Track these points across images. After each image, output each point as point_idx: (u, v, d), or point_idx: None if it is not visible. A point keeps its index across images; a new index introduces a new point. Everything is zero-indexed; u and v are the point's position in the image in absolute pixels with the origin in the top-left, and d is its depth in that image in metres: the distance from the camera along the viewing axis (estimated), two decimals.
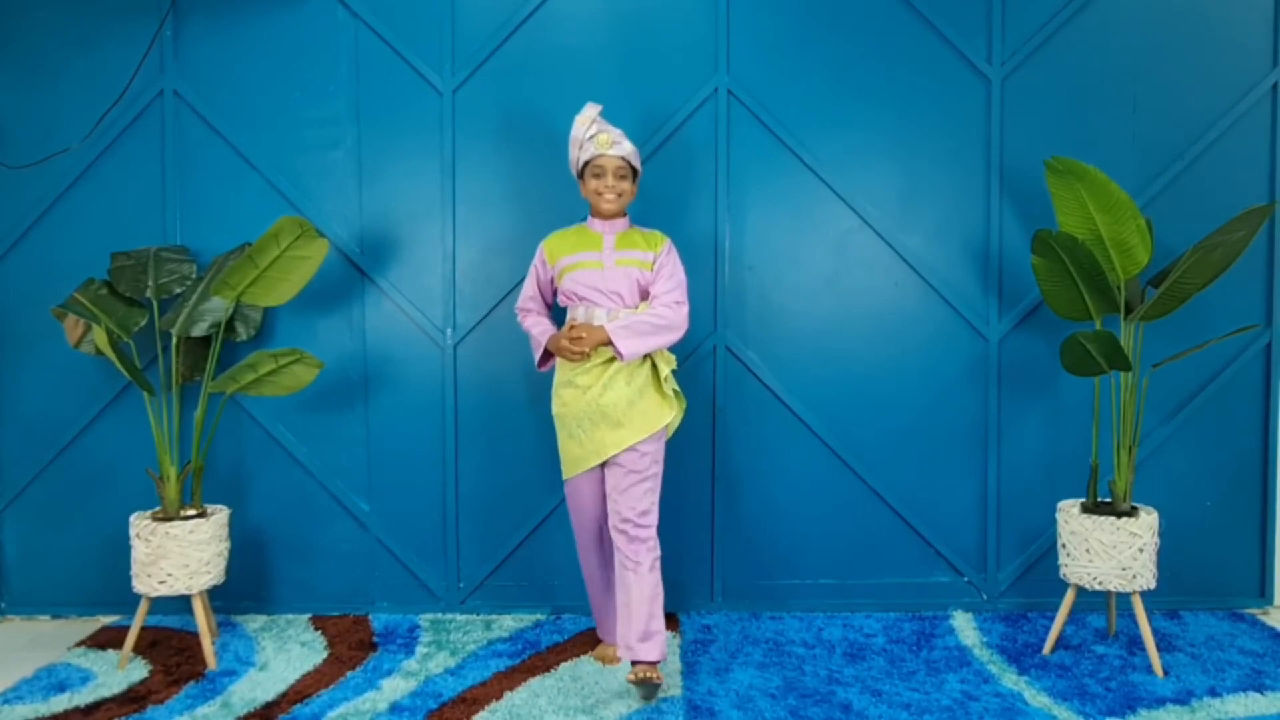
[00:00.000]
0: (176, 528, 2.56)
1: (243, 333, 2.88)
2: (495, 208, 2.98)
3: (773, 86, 2.97)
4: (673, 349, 2.58)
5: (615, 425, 2.44)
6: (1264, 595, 3.06)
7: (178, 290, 2.80)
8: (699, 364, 2.99)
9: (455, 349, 3.00)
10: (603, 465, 2.50)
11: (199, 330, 2.76)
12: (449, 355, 2.99)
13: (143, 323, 2.79)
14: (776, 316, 3.00)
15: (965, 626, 2.89)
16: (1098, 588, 2.58)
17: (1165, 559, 2.91)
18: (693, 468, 3.01)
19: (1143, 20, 2.96)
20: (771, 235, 2.99)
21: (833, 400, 3.01)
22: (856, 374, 3.01)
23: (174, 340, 2.77)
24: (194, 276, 2.84)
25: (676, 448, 2.96)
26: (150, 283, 2.79)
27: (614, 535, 2.46)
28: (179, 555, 2.57)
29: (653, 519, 2.46)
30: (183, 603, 2.88)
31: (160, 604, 2.89)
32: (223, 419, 2.96)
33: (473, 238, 2.99)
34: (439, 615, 3.00)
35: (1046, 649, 2.68)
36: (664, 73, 2.96)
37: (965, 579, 3.06)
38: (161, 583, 2.57)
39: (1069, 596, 2.67)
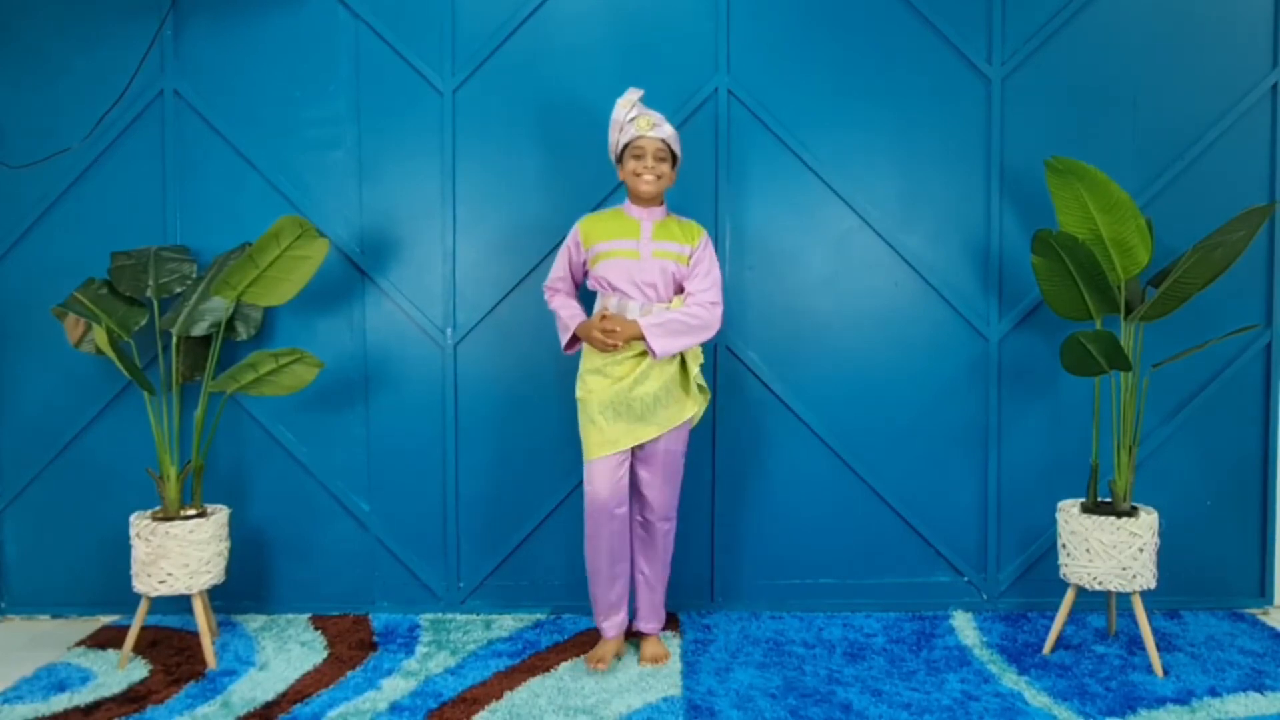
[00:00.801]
0: (176, 527, 2.56)
1: (243, 332, 2.88)
2: (495, 207, 2.98)
3: (773, 86, 2.97)
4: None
5: (639, 419, 2.49)
6: (1264, 595, 3.05)
7: (178, 290, 2.80)
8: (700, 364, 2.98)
9: (455, 349, 2.99)
10: (631, 451, 2.57)
11: (199, 330, 2.76)
12: (449, 355, 2.99)
13: (143, 322, 2.79)
14: (777, 316, 3.00)
15: (965, 626, 2.88)
16: (1098, 588, 2.58)
17: (1165, 559, 2.90)
18: (693, 467, 2.99)
19: (1143, 20, 2.96)
20: (772, 235, 2.99)
21: (833, 400, 3.01)
22: (857, 374, 3.01)
23: (174, 340, 2.77)
24: (194, 276, 2.84)
25: None
26: (150, 282, 2.79)
27: (638, 523, 2.62)
28: (179, 555, 2.57)
29: (676, 508, 2.66)
30: (183, 602, 2.88)
31: (160, 604, 2.89)
32: (223, 419, 2.96)
33: (473, 237, 2.99)
34: (439, 615, 3.00)
35: (1046, 649, 2.68)
36: (664, 72, 2.96)
37: (965, 579, 3.06)
38: (161, 582, 2.57)
39: (1069, 596, 2.67)
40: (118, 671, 2.57)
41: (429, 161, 2.97)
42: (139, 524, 2.58)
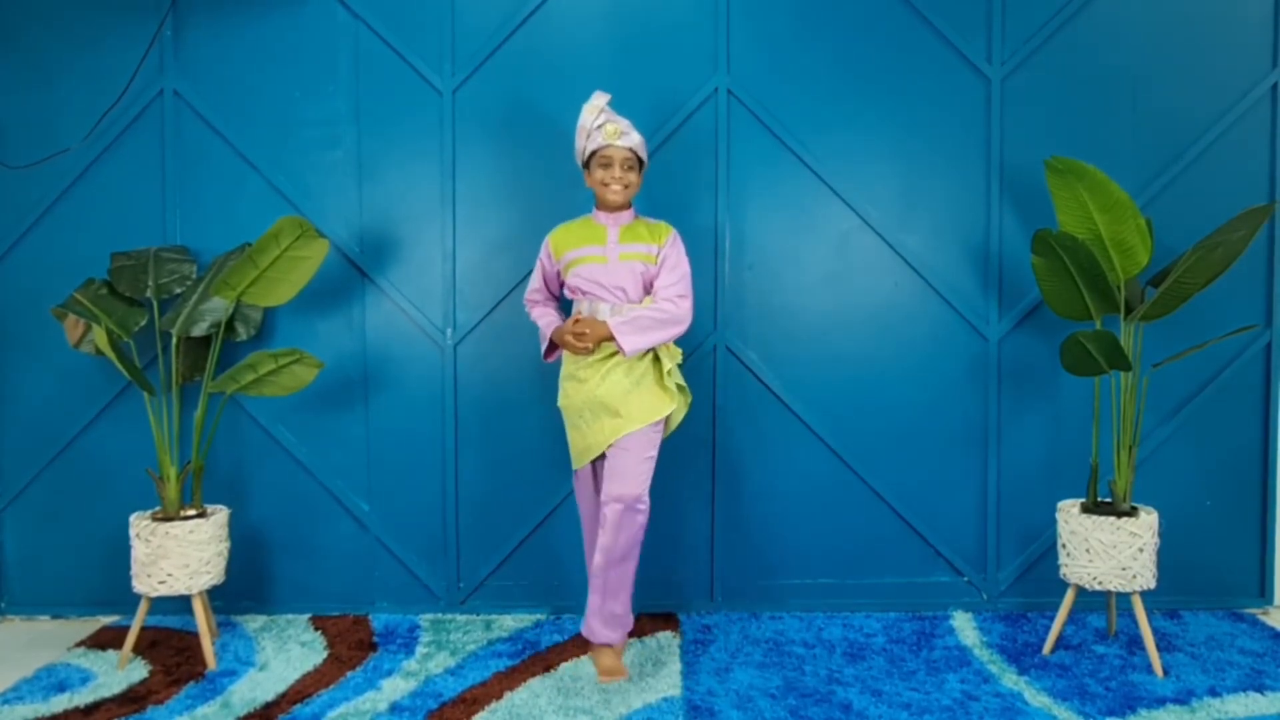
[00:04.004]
0: (176, 528, 2.57)
1: (243, 333, 2.88)
2: (495, 207, 2.99)
3: (773, 86, 2.97)
4: (676, 344, 2.58)
5: (613, 414, 2.46)
6: (1264, 595, 3.06)
7: (178, 290, 2.81)
8: (699, 363, 2.99)
9: (455, 349, 3.00)
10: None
11: (199, 330, 2.77)
12: (449, 355, 3.00)
13: (143, 323, 2.79)
14: (777, 316, 3.01)
15: (965, 626, 2.89)
16: (1097, 588, 2.59)
17: (1165, 559, 2.91)
18: (692, 467, 3.01)
19: (1143, 20, 2.97)
20: (772, 235, 2.99)
21: (833, 400, 3.01)
22: (856, 373, 3.01)
23: (174, 340, 2.78)
24: (194, 276, 2.84)
25: (676, 447, 2.97)
26: (150, 283, 2.80)
27: (606, 510, 2.43)
28: (179, 555, 2.57)
29: (647, 500, 2.44)
30: (183, 603, 2.88)
31: (160, 604, 2.89)
32: (223, 419, 2.97)
33: (473, 237, 3.00)
34: (439, 615, 3.01)
35: (1047, 649, 2.69)
36: (664, 72, 2.96)
37: (965, 579, 3.06)
38: (161, 583, 2.58)
39: (1069, 596, 2.68)
40: (118, 672, 2.58)
41: (429, 162, 2.97)
42: (139, 524, 2.59)
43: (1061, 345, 2.57)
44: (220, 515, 2.69)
